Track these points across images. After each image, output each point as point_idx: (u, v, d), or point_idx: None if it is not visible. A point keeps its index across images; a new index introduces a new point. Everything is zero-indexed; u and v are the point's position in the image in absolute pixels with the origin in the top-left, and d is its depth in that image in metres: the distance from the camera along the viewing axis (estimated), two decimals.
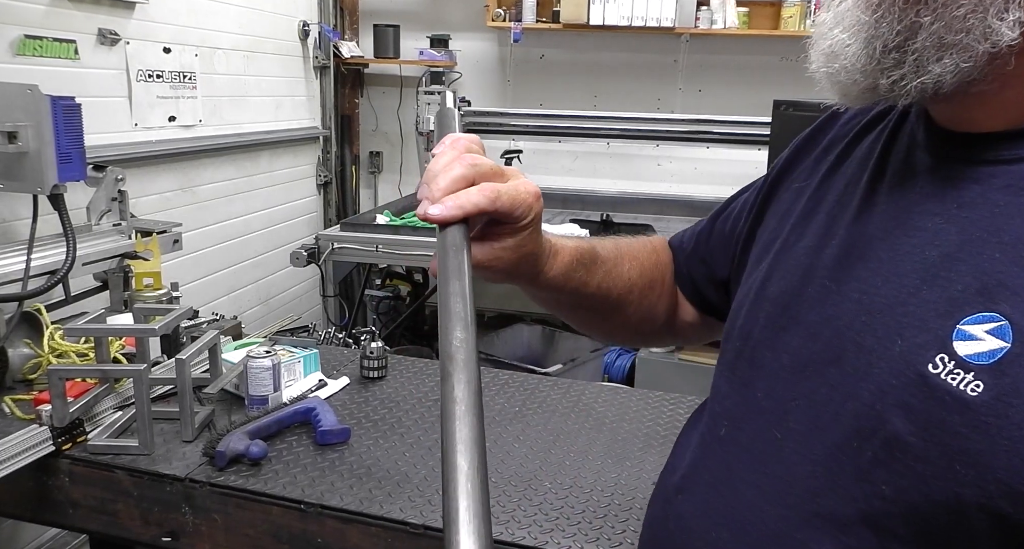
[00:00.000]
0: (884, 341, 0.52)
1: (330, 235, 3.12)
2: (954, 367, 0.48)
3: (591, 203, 3.87)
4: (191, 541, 1.37)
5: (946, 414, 0.47)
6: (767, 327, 0.63)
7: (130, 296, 1.95)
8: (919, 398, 0.49)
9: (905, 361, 0.50)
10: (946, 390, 0.47)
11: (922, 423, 0.48)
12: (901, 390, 0.50)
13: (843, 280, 0.58)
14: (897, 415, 0.50)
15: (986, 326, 0.47)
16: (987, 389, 0.46)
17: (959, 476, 0.46)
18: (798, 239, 0.65)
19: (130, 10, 2.54)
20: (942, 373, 0.48)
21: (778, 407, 0.59)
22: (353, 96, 4.26)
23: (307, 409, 1.54)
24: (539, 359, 3.51)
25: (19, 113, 1.72)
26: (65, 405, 1.42)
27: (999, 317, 0.47)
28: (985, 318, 0.48)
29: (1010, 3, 0.46)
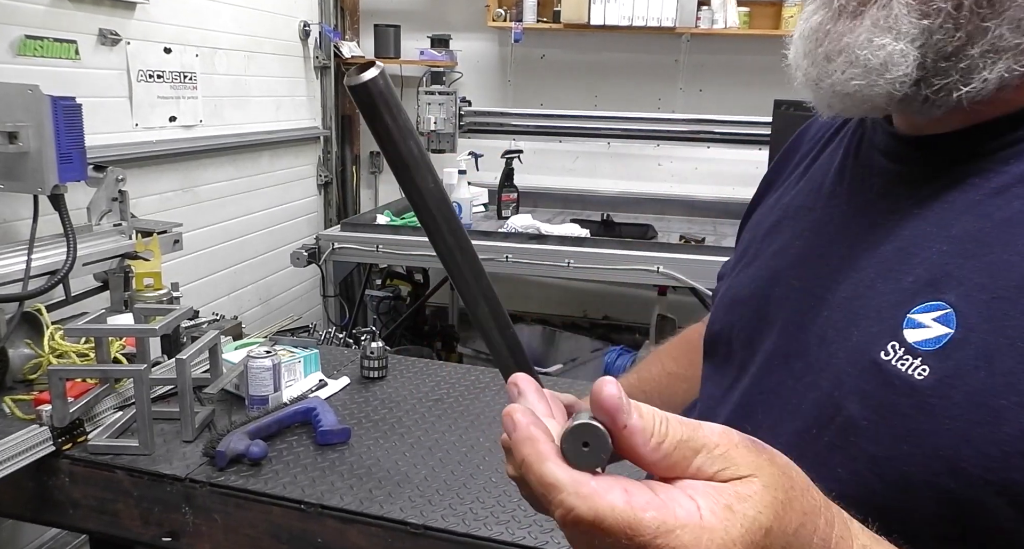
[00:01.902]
0: (843, 332, 0.54)
1: (330, 235, 3.12)
2: (904, 353, 0.50)
3: (591, 203, 3.87)
4: (191, 541, 1.37)
5: (896, 397, 0.49)
6: (744, 330, 0.65)
7: (130, 296, 1.96)
8: (872, 384, 0.51)
9: (860, 350, 0.52)
10: (896, 375, 0.49)
11: (874, 407, 0.50)
12: (856, 377, 0.52)
13: (806, 278, 0.60)
14: (852, 401, 0.52)
15: (933, 314, 0.50)
16: (932, 373, 0.48)
17: (907, 456, 0.48)
18: (768, 245, 0.67)
19: (131, 10, 2.54)
20: (893, 359, 0.50)
21: (749, 402, 0.62)
22: None
23: (307, 409, 1.54)
24: (540, 359, 3.51)
25: (20, 113, 1.72)
26: (65, 405, 1.42)
27: (945, 305, 0.49)
28: (932, 307, 0.50)
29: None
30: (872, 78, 0.50)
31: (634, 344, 3.72)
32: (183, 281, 2.21)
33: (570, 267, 2.87)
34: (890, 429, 0.49)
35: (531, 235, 3.01)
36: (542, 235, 3.00)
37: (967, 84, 0.48)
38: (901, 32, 0.49)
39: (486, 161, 3.62)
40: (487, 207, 3.70)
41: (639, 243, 3.01)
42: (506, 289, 4.24)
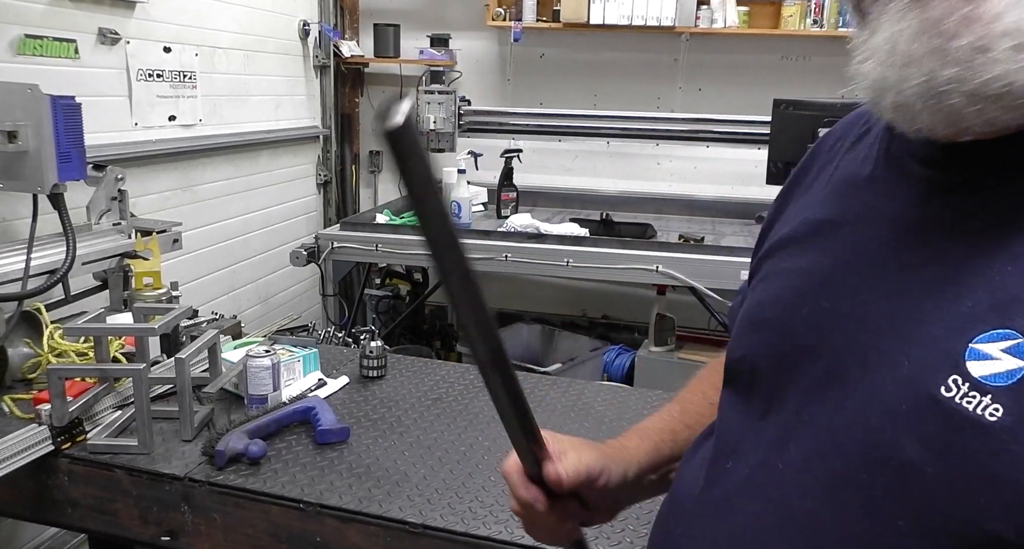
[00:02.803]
0: (889, 361, 0.49)
1: (330, 234, 3.12)
2: (969, 389, 0.44)
3: (591, 202, 3.87)
4: (190, 540, 1.37)
5: (966, 441, 0.44)
6: (771, 356, 0.60)
7: (130, 295, 1.96)
8: (934, 424, 0.45)
9: (914, 383, 0.47)
10: (962, 415, 0.44)
11: (939, 451, 0.45)
12: (913, 415, 0.46)
13: (838, 299, 0.55)
14: (911, 442, 0.46)
15: (1001, 344, 0.44)
16: (1007, 412, 0.42)
17: (984, 507, 0.43)
18: (791, 263, 0.62)
19: (130, 9, 2.54)
20: (956, 396, 0.44)
21: (780, 436, 0.56)
22: (353, 95, 4.26)
23: (306, 408, 1.54)
24: (539, 358, 3.51)
25: (19, 112, 1.72)
26: (64, 404, 1.42)
27: (1016, 334, 0.43)
28: (1000, 335, 0.44)
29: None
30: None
31: (633, 343, 3.72)
32: (182, 280, 2.21)
33: (569, 266, 2.87)
34: (962, 477, 0.44)
35: (530, 234, 3.01)
36: (541, 234, 3.00)
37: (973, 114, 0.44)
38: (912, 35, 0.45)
39: (485, 160, 3.62)
40: (486, 206, 3.70)
41: (638, 242, 3.01)
42: (505, 288, 4.24)
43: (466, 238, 3.11)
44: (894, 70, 0.46)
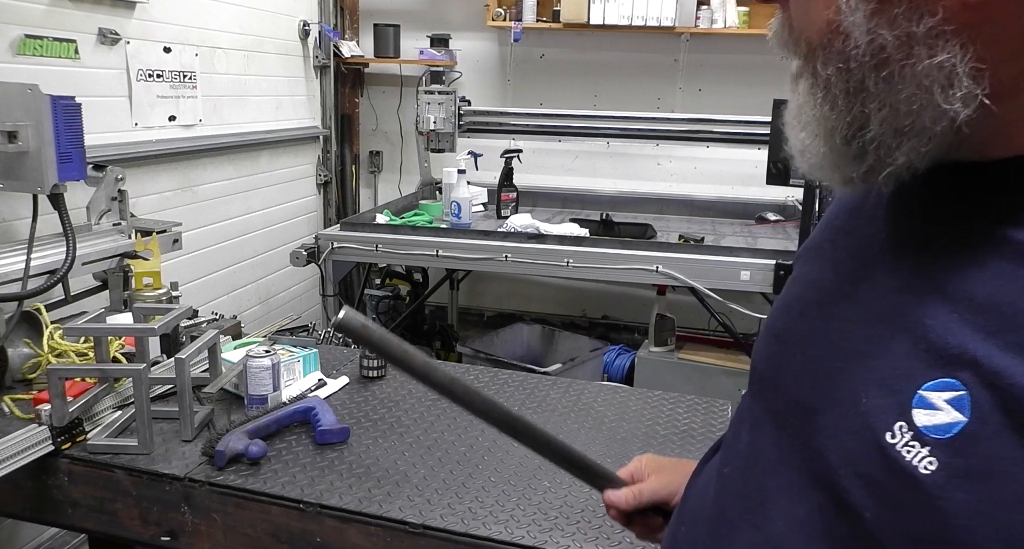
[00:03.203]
0: (851, 396, 0.48)
1: (330, 235, 3.12)
2: (911, 438, 0.43)
3: (591, 202, 3.87)
4: (190, 540, 1.37)
5: (901, 491, 0.43)
6: (770, 366, 0.60)
7: (130, 296, 1.96)
8: (878, 469, 0.45)
9: (867, 425, 0.46)
10: (900, 464, 0.43)
11: (879, 498, 0.45)
12: (862, 458, 0.46)
13: (829, 319, 0.54)
14: (857, 487, 0.46)
15: (945, 395, 0.43)
16: (940, 468, 0.42)
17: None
18: (809, 271, 0.61)
19: (130, 10, 2.54)
20: (898, 444, 0.44)
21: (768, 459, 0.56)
22: (353, 95, 4.26)
23: (306, 409, 1.54)
24: (538, 359, 3.51)
25: (19, 113, 1.72)
26: (64, 405, 1.42)
27: (959, 386, 0.42)
28: (945, 385, 0.43)
29: (955, 77, 0.42)
30: (805, 162, 0.51)
31: (633, 343, 3.73)
32: (182, 280, 2.21)
33: (569, 267, 2.87)
34: (895, 528, 0.44)
35: (530, 234, 3.01)
36: (541, 235, 3.00)
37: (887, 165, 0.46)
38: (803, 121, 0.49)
39: (485, 160, 3.62)
40: (486, 206, 3.70)
41: (638, 243, 3.01)
42: (505, 289, 4.24)
43: (466, 238, 3.11)
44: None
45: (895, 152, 0.45)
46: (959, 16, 0.41)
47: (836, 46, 0.45)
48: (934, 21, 0.41)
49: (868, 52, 0.43)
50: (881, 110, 0.44)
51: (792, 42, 0.49)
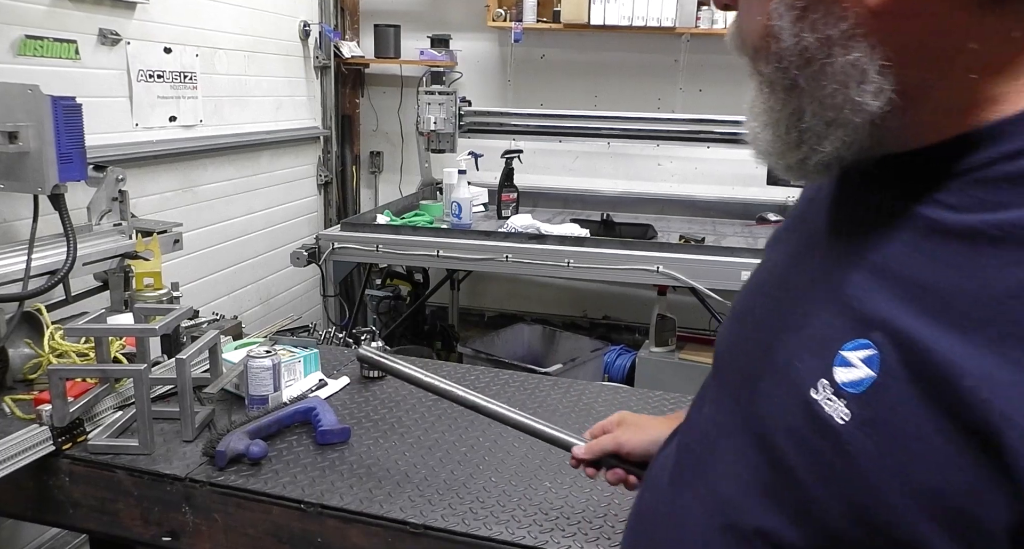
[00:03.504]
0: (786, 362, 0.54)
1: (330, 235, 3.12)
2: (831, 393, 0.49)
3: (591, 203, 3.87)
4: (191, 541, 1.37)
5: (821, 441, 0.49)
6: (729, 345, 0.67)
7: (130, 296, 1.96)
8: (803, 424, 0.50)
9: (796, 385, 0.52)
10: (821, 417, 0.49)
11: (805, 450, 0.50)
12: (792, 415, 0.52)
13: (777, 297, 0.60)
14: (788, 441, 0.52)
15: (861, 353, 0.48)
16: (852, 419, 0.47)
17: (827, 504, 0.49)
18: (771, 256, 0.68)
19: (131, 10, 2.54)
20: (821, 399, 0.49)
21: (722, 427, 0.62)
22: (354, 96, 4.26)
23: (307, 409, 1.54)
24: (539, 359, 3.51)
25: (20, 113, 1.72)
26: (65, 405, 1.42)
27: (871, 345, 0.48)
28: (862, 344, 0.48)
29: (867, 73, 0.48)
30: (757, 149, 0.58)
31: (634, 344, 3.72)
32: (183, 281, 2.21)
33: (570, 267, 2.87)
34: (814, 475, 0.50)
35: (531, 235, 3.01)
36: (542, 235, 3.00)
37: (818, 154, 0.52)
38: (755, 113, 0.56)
39: (486, 161, 3.62)
40: (487, 207, 3.70)
41: (639, 243, 3.01)
42: (506, 289, 4.24)
43: (467, 239, 3.10)
44: None
45: (824, 141, 0.51)
46: (867, 22, 0.47)
47: (771, 48, 0.52)
48: (847, 25, 0.48)
49: (795, 52, 0.51)
50: (811, 104, 0.51)
51: (740, 44, 0.56)
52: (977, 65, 0.47)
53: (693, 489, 0.63)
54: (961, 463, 0.42)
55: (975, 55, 0.46)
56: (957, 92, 0.48)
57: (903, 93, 0.48)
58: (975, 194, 0.47)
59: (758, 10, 0.53)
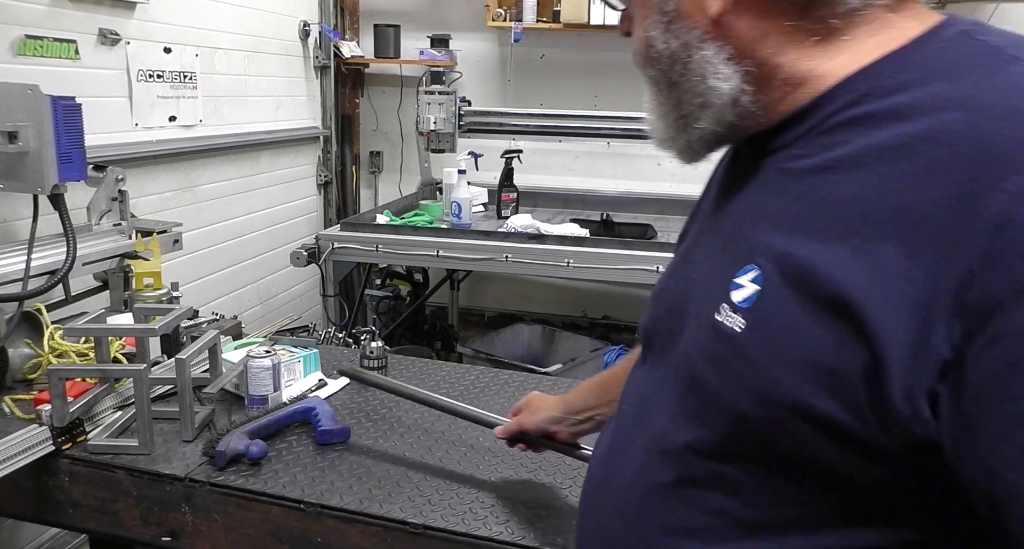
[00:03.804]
0: (701, 303, 0.66)
1: (330, 235, 3.12)
2: (730, 311, 0.61)
3: (591, 203, 3.87)
4: (191, 541, 1.37)
5: (724, 349, 0.61)
6: (651, 322, 0.79)
7: (130, 296, 1.96)
8: (711, 342, 0.62)
9: (706, 315, 0.63)
10: (724, 331, 0.61)
11: (713, 361, 0.62)
12: (703, 339, 0.64)
13: (688, 264, 0.74)
14: (700, 359, 0.64)
15: (750, 275, 0.60)
16: (747, 326, 0.59)
17: (734, 397, 0.60)
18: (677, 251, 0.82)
19: (131, 10, 2.54)
20: (723, 319, 0.61)
21: (654, 382, 0.74)
22: (353, 96, 4.26)
23: (307, 409, 1.54)
24: (539, 359, 3.51)
25: (20, 113, 1.72)
26: (65, 405, 1.42)
27: (755, 268, 0.60)
28: (749, 269, 0.61)
29: (717, 66, 0.64)
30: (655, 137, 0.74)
31: (634, 344, 3.72)
32: (183, 281, 2.21)
33: (570, 267, 2.87)
34: (722, 376, 0.61)
35: (531, 235, 3.01)
36: (542, 235, 3.00)
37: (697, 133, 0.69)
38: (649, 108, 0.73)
39: (486, 161, 3.62)
40: (487, 207, 3.70)
41: (639, 243, 3.01)
42: (506, 289, 4.24)
43: (467, 238, 3.09)
44: None
45: (699, 121, 0.68)
46: (711, 29, 0.64)
47: (652, 54, 0.69)
48: (698, 32, 0.65)
49: (667, 55, 0.67)
50: (686, 94, 0.67)
51: (637, 59, 0.72)
52: (801, 52, 0.62)
53: (632, 442, 0.73)
54: (826, 332, 0.54)
55: (798, 45, 0.62)
56: (791, 73, 0.63)
57: (749, 78, 0.64)
58: (818, 142, 0.61)
59: (640, 29, 0.70)
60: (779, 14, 0.62)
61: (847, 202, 0.56)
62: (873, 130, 0.57)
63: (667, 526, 0.66)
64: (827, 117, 0.61)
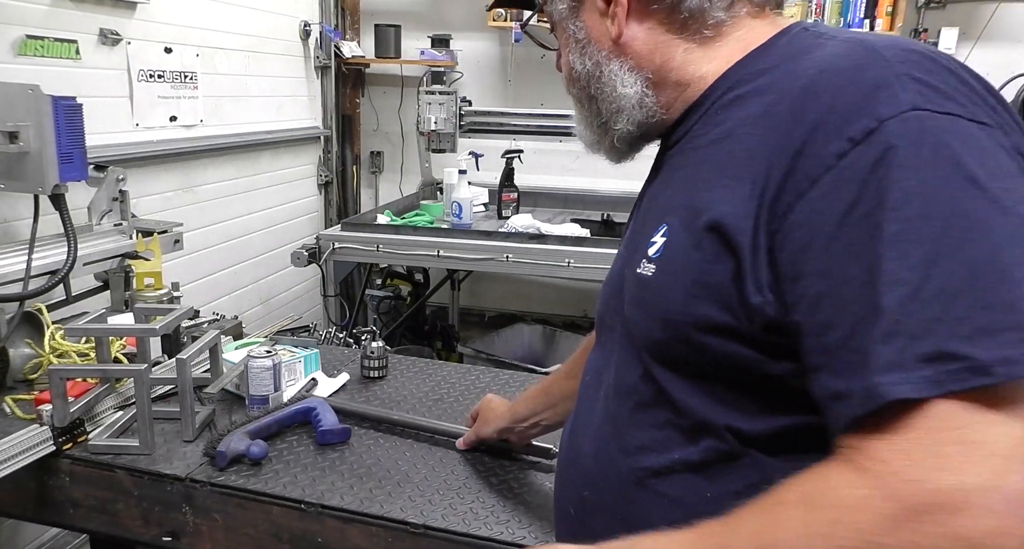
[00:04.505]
0: (632, 265, 0.79)
1: (331, 235, 3.12)
2: (646, 262, 0.76)
3: (592, 203, 3.86)
4: (192, 541, 1.37)
5: (642, 292, 0.77)
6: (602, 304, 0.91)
7: (131, 296, 1.96)
8: (634, 291, 0.79)
9: (632, 271, 0.79)
10: (642, 279, 0.76)
11: (637, 304, 0.78)
12: (630, 289, 0.80)
13: (623, 250, 0.89)
14: (630, 308, 0.79)
15: (660, 232, 0.75)
16: (657, 269, 0.74)
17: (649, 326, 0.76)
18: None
19: (131, 10, 2.54)
20: (642, 270, 0.76)
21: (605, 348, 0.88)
22: (354, 96, 4.26)
23: (307, 409, 1.54)
24: (539, 359, 3.51)
25: (20, 113, 1.72)
26: (66, 405, 1.42)
27: (665, 225, 0.75)
28: (660, 228, 0.76)
29: (623, 76, 0.82)
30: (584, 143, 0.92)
31: None
32: (183, 281, 2.21)
33: (570, 267, 2.87)
34: (643, 314, 0.77)
35: (531, 235, 3.01)
36: (542, 235, 3.00)
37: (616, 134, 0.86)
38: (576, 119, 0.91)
39: (486, 161, 3.62)
40: (487, 207, 3.70)
41: None
42: (507, 289, 4.24)
43: (467, 239, 3.09)
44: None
45: (616, 124, 0.85)
46: (614, 49, 0.83)
47: (573, 75, 0.87)
48: (605, 52, 0.83)
49: (584, 74, 0.85)
50: (603, 103, 0.85)
51: (564, 81, 0.90)
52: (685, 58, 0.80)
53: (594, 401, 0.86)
54: (707, 255, 0.69)
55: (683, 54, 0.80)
56: (680, 76, 0.81)
57: (649, 84, 0.82)
58: (709, 124, 0.77)
59: (564, 58, 0.89)
60: (664, 31, 0.80)
61: (725, 158, 0.72)
62: (744, 107, 0.73)
63: (627, 448, 0.79)
64: (712, 105, 0.78)
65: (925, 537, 0.52)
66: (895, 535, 0.52)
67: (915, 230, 0.56)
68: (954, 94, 0.61)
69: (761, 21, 0.80)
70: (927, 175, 0.57)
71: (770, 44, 0.77)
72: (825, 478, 0.58)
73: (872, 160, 0.59)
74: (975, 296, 0.54)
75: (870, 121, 0.60)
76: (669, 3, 0.79)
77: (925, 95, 0.60)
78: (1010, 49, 3.65)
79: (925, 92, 0.60)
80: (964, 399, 0.53)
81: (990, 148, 0.59)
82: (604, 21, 0.82)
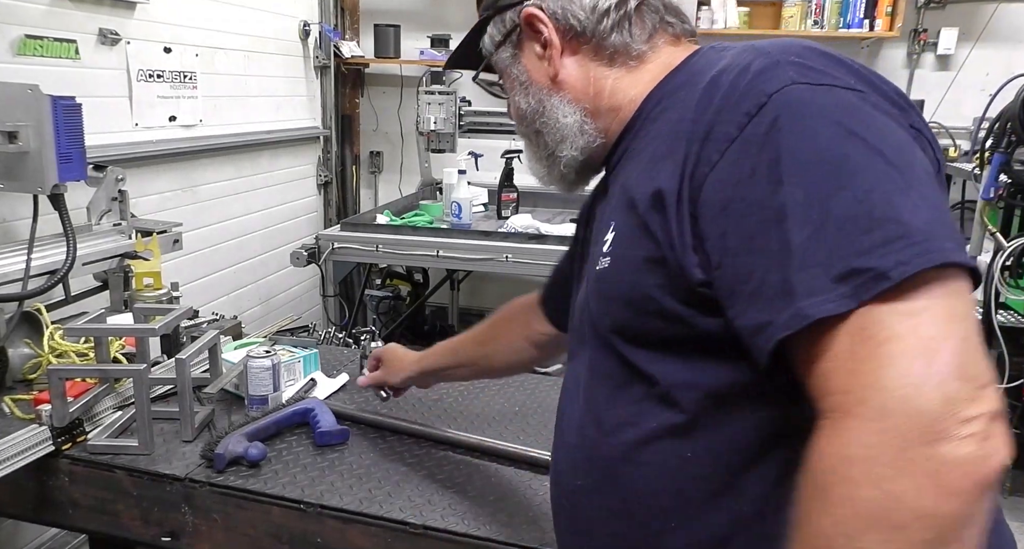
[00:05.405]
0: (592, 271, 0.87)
1: (330, 235, 3.12)
2: (602, 258, 0.83)
3: None
4: (191, 541, 1.37)
5: (600, 284, 0.84)
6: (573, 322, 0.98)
7: (130, 296, 1.95)
8: (596, 285, 0.85)
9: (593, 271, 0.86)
10: (600, 272, 0.83)
11: (598, 296, 0.85)
12: (592, 288, 0.86)
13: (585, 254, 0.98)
14: (593, 302, 0.86)
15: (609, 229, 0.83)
16: (611, 260, 0.82)
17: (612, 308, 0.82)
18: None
19: (131, 10, 2.54)
20: (600, 266, 0.83)
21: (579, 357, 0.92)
22: (354, 96, 4.26)
23: (306, 410, 1.54)
24: None
25: (20, 113, 1.72)
26: (65, 405, 1.42)
27: (612, 221, 0.83)
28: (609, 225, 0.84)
29: (564, 109, 0.93)
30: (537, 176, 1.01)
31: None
32: (183, 281, 2.21)
33: None
34: (606, 301, 0.83)
35: (531, 235, 3.01)
36: (542, 235, 3.00)
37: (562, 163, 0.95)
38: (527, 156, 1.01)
39: (486, 161, 3.62)
40: (487, 207, 3.70)
41: None
42: (506, 289, 4.23)
43: (467, 239, 3.07)
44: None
45: (562, 152, 0.94)
46: (553, 86, 0.93)
47: (520, 114, 0.97)
48: (545, 90, 0.94)
49: (529, 112, 0.95)
50: (548, 136, 0.95)
51: (514, 121, 1.00)
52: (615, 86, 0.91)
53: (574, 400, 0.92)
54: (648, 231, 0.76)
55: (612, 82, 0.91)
56: (612, 103, 0.91)
57: (586, 112, 0.92)
58: (641, 137, 0.87)
59: (511, 100, 0.99)
60: (596, 65, 0.92)
61: (655, 153, 0.81)
62: (667, 114, 0.84)
63: (607, 429, 0.84)
64: (643, 121, 0.89)
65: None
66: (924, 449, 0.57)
67: (808, 176, 0.65)
68: (828, 70, 0.72)
69: (678, 48, 0.92)
70: (812, 132, 0.67)
71: (686, 62, 0.88)
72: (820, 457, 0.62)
73: (765, 128, 0.69)
74: (867, 219, 0.62)
75: (760, 97, 0.70)
76: (595, 42, 0.91)
77: (802, 72, 0.71)
78: (1010, 49, 3.65)
79: (802, 70, 0.71)
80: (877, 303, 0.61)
81: (864, 107, 0.70)
82: (542, 63, 0.93)
